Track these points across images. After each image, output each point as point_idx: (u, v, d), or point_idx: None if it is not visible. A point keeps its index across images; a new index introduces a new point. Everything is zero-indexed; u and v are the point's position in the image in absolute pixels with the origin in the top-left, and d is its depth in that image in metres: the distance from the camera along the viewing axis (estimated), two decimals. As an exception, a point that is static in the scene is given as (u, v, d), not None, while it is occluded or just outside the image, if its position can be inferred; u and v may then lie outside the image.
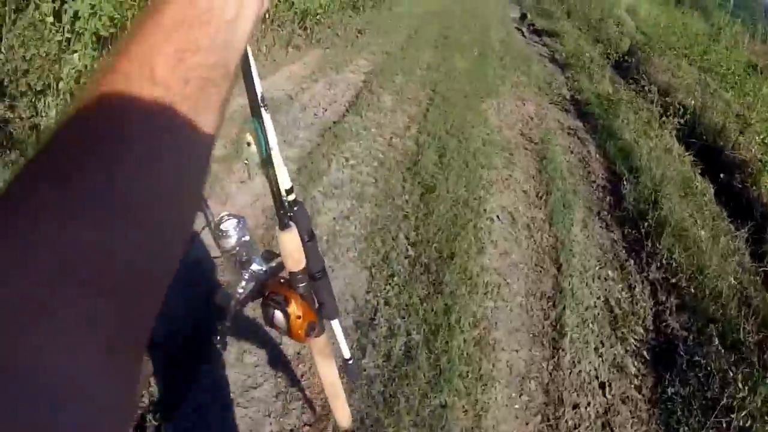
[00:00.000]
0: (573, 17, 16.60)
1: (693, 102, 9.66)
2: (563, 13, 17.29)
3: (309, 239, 1.09)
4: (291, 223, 1.04)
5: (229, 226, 1.07)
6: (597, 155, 6.58)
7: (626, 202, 5.44)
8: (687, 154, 7.28)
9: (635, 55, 12.30)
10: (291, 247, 1.04)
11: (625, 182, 5.74)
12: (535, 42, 12.47)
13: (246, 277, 1.06)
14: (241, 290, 1.06)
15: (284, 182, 1.02)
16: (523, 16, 15.60)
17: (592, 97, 8.42)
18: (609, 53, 11.39)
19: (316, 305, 1.16)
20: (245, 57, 0.83)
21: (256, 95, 0.91)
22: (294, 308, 1.05)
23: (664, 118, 7.80)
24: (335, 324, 1.32)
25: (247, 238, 1.08)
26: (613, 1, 22.10)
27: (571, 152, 6.49)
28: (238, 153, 4.16)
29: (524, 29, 13.72)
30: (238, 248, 1.08)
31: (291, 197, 1.05)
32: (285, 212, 1.03)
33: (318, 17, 7.87)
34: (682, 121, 7.70)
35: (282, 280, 1.10)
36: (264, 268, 1.07)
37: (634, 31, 16.98)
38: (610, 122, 7.42)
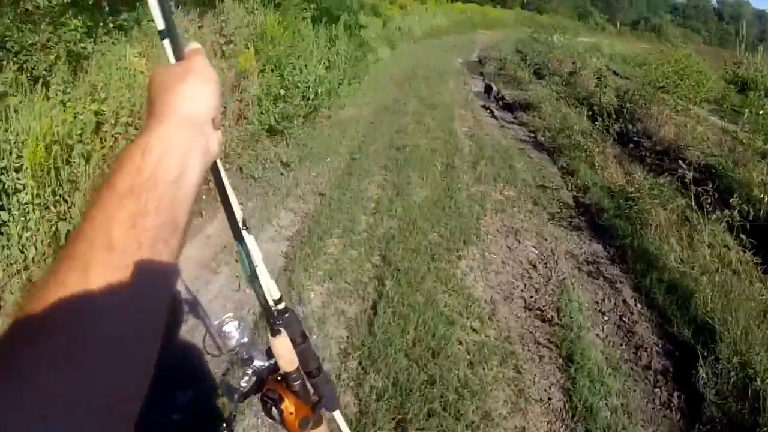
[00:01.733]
0: (544, 77, 14.77)
1: (722, 165, 7.66)
2: (531, 74, 15.42)
3: (302, 341, 1.15)
4: (281, 329, 1.08)
5: (231, 328, 1.30)
6: (638, 306, 4.45)
7: (707, 403, 3.35)
8: (746, 253, 5.16)
9: (631, 113, 10.29)
10: (282, 350, 1.10)
11: (699, 366, 3.60)
12: (509, 123, 10.41)
13: (248, 372, 1.21)
14: (244, 384, 1.20)
15: (273, 293, 1.07)
16: (488, 89, 13.72)
17: (603, 199, 6.30)
18: (605, 121, 9.26)
19: (315, 399, 1.19)
20: (223, 188, 0.91)
21: (237, 221, 0.96)
22: (287, 404, 1.13)
23: (703, 202, 5.66)
24: (337, 415, 1.33)
25: (246, 339, 1.27)
26: (574, 45, 20.44)
27: (603, 315, 4.32)
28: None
29: (493, 107, 11.75)
30: (238, 348, 1.26)
31: (281, 306, 1.10)
32: (274, 320, 1.08)
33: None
34: (727, 210, 5.57)
35: (279, 377, 1.17)
36: (265, 365, 1.20)
37: (613, 75, 15.18)
38: (641, 239, 5.29)
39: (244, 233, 0.98)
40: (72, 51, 5.37)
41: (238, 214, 0.97)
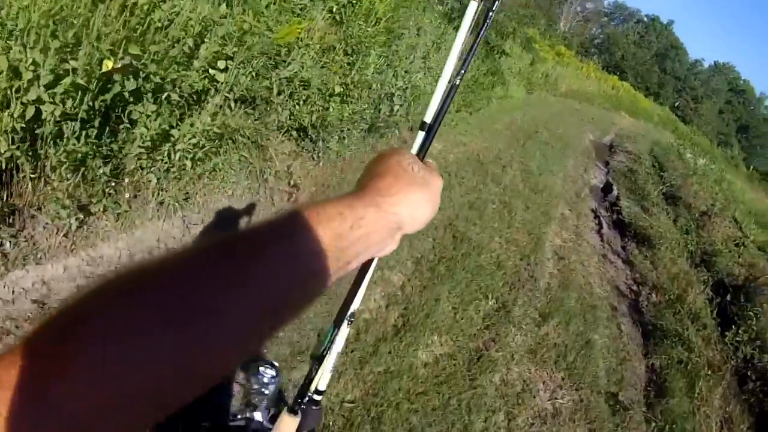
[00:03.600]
0: (673, 205, 12.22)
1: None
2: (659, 195, 12.65)
3: None
4: (299, 411, 0.98)
5: (269, 372, 1.27)
6: None
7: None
8: None
9: (751, 299, 7.86)
10: (286, 430, 0.98)
11: None
12: (615, 252, 7.98)
13: (247, 415, 1.19)
14: (231, 418, 1.19)
15: (322, 383, 0.98)
16: (608, 189, 11.34)
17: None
18: (737, 330, 6.76)
19: None
20: (362, 276, 0.85)
21: (348, 310, 0.90)
22: None
23: None
24: None
25: (269, 392, 1.23)
26: (716, 178, 17.41)
27: None
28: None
29: (604, 218, 9.38)
30: (261, 392, 1.23)
31: (318, 397, 1.00)
32: (301, 402, 0.97)
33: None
34: None
35: None
36: (264, 422, 1.19)
37: (751, 242, 12.38)
38: None
39: (345, 323, 0.92)
40: None
41: (356, 305, 0.90)
